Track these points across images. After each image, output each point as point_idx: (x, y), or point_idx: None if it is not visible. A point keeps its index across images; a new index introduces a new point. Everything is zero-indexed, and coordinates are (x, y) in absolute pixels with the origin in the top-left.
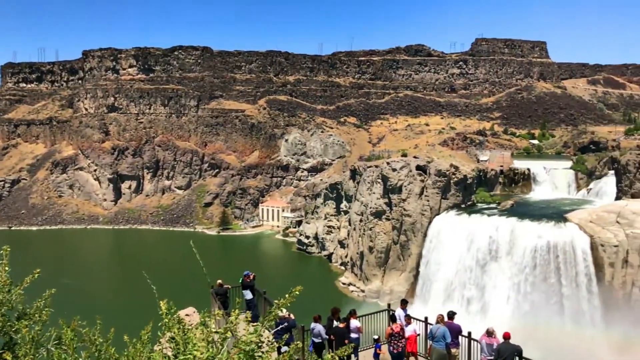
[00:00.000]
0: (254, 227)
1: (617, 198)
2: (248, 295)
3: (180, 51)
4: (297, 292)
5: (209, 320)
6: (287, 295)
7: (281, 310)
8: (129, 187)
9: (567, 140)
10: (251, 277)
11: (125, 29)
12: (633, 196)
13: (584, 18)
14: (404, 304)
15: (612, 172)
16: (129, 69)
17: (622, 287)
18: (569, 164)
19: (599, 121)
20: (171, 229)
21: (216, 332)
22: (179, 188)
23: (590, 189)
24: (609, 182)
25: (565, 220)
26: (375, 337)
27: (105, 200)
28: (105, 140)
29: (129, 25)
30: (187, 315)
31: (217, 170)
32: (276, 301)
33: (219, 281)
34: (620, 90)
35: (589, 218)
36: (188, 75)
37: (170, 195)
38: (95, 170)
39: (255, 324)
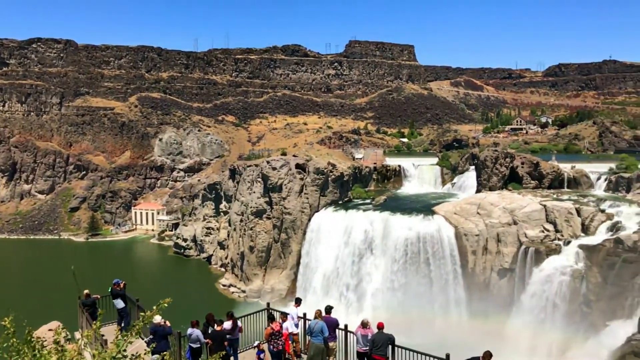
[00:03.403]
0: (126, 231)
1: (478, 191)
2: (119, 304)
3: (39, 44)
4: (165, 305)
5: (79, 334)
6: (154, 307)
7: (143, 322)
8: None
9: (433, 138)
10: (121, 285)
11: None
12: (491, 189)
13: (448, 24)
14: (297, 302)
15: (473, 167)
16: None
17: (482, 272)
18: (435, 160)
19: (461, 120)
20: (32, 237)
21: None
22: (41, 192)
23: (454, 183)
24: (470, 177)
25: (433, 212)
26: (256, 343)
27: None
28: None
29: None
30: (50, 330)
31: (84, 172)
32: (142, 313)
33: (86, 291)
34: (479, 92)
35: (453, 210)
36: (49, 70)
37: (31, 201)
38: None
39: (125, 333)
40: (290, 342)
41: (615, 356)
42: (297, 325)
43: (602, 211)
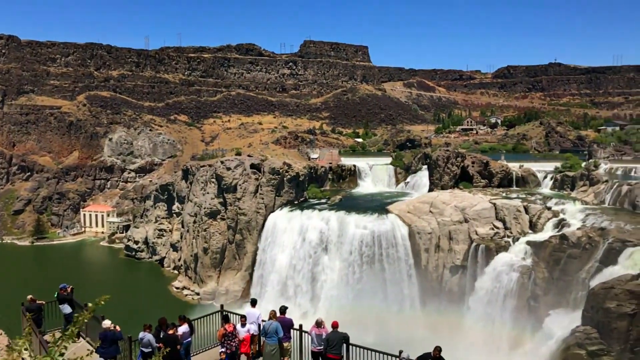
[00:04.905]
0: (74, 234)
1: (430, 190)
2: (66, 309)
3: None
4: (102, 302)
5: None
6: (89, 304)
7: (76, 326)
8: None
9: (387, 139)
10: (68, 289)
11: None
12: (443, 188)
13: (401, 26)
14: (253, 303)
15: (425, 166)
16: None
17: (435, 269)
18: (389, 160)
19: (413, 121)
20: None
21: None
22: None
23: (408, 182)
24: (423, 176)
25: (387, 211)
26: (221, 350)
27: None
28: None
29: None
30: None
31: (29, 173)
32: (75, 315)
33: (30, 296)
34: (431, 93)
35: (406, 209)
36: None
37: None
38: None
39: (78, 340)
40: (250, 344)
41: (560, 348)
42: (259, 326)
43: (549, 209)
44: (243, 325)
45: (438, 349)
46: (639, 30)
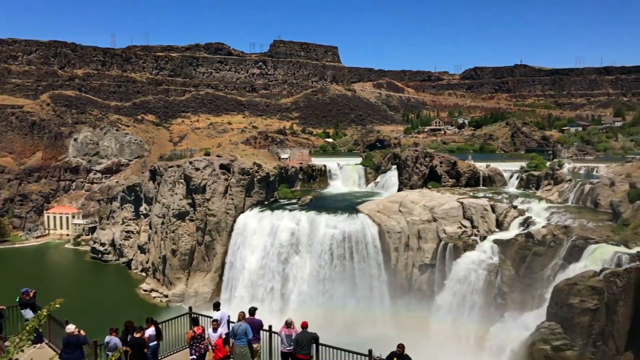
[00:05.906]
0: (38, 237)
1: (399, 189)
2: (28, 314)
3: None
4: (57, 305)
5: None
6: (44, 310)
7: (29, 328)
8: None
9: (357, 139)
10: (31, 294)
11: None
12: (412, 187)
13: (370, 27)
14: (217, 307)
15: (395, 166)
16: None
17: (404, 268)
18: (359, 160)
19: (383, 121)
20: None
21: None
22: None
23: (377, 182)
24: (392, 176)
25: (357, 211)
26: (191, 357)
27: None
28: None
29: None
30: None
31: None
32: (32, 318)
33: None
34: (400, 93)
35: (376, 208)
36: None
37: None
38: None
39: (39, 345)
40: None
41: (527, 344)
42: (228, 323)
43: (515, 207)
44: (215, 329)
45: (401, 346)
46: (599, 32)
